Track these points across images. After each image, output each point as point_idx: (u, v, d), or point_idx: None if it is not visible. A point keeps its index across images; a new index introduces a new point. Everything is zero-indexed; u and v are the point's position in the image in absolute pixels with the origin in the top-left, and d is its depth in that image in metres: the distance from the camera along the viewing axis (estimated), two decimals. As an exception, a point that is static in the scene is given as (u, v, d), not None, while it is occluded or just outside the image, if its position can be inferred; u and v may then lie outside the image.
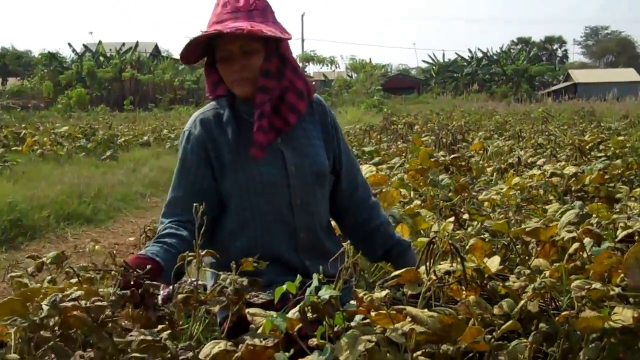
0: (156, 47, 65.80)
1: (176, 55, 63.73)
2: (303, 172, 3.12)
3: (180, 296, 2.45)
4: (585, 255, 3.04)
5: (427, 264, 2.57)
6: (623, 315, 2.42)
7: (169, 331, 2.32)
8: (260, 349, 2.12)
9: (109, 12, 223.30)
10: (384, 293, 2.27)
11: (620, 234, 3.17)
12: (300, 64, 51.16)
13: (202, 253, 2.54)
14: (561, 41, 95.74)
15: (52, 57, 56.00)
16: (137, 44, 58.04)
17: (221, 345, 2.15)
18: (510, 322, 2.45)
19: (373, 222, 3.36)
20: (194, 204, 2.53)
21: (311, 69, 59.00)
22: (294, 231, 3.12)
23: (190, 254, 2.53)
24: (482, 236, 3.69)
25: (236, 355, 2.10)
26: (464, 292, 2.69)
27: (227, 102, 3.14)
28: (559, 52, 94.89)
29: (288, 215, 3.10)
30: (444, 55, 75.22)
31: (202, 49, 3.09)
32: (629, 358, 2.42)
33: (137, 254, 2.92)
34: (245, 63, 3.02)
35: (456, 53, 75.05)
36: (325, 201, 3.28)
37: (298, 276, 2.31)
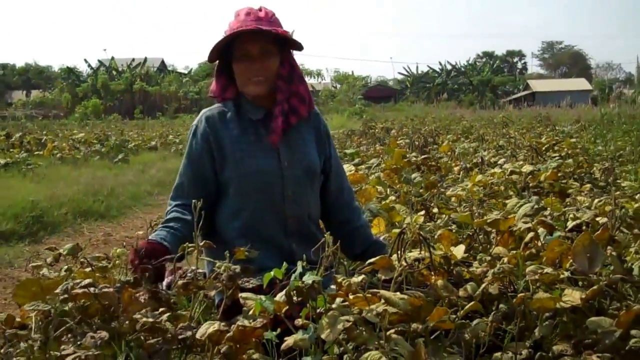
0: (162, 62, 65.71)
1: (180, 69, 63.76)
2: (295, 167, 3.18)
3: (180, 282, 2.46)
4: (539, 243, 3.05)
5: (399, 252, 2.57)
6: (572, 297, 2.42)
7: (169, 313, 2.33)
8: (249, 328, 2.12)
9: (120, 31, 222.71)
10: (360, 278, 2.29)
11: (570, 224, 3.18)
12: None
13: (201, 244, 2.55)
14: (521, 54, 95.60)
15: (70, 72, 55.97)
16: (145, 60, 57.98)
17: (215, 325, 2.16)
18: (472, 303, 2.45)
19: (355, 223, 3.40)
20: (197, 190, 2.90)
21: (300, 81, 59.00)
22: (284, 218, 3.17)
23: (190, 245, 2.56)
24: (449, 227, 3.69)
25: (228, 335, 2.11)
26: (432, 277, 2.69)
27: (233, 104, 3.21)
28: (519, 65, 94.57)
29: (280, 203, 3.16)
30: (417, 67, 74.94)
31: (218, 52, 3.13)
32: (579, 334, 2.42)
33: (147, 239, 2.95)
34: (263, 63, 3.09)
35: (428, 66, 74.98)
36: (316, 196, 3.32)
37: (284, 263, 2.31)
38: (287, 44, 3.17)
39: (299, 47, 3.18)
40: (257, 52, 3.08)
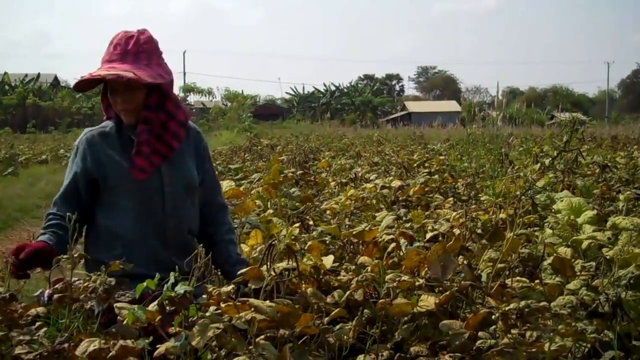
0: (56, 77, 63.67)
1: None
2: (175, 183, 3.16)
3: (56, 296, 2.40)
4: (401, 253, 3.13)
5: (268, 262, 2.58)
6: (427, 302, 2.50)
7: (45, 328, 2.27)
8: (130, 348, 2.07)
9: (14, 47, 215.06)
10: (229, 287, 2.28)
11: (429, 235, 3.28)
12: (183, 94, 50.81)
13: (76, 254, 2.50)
14: (398, 78, 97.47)
15: (-38, 86, 53.53)
16: (39, 75, 56.29)
17: (95, 343, 2.10)
18: (337, 309, 2.49)
19: (217, 237, 3.34)
20: (72, 203, 3.02)
21: (192, 99, 58.46)
22: (164, 231, 3.14)
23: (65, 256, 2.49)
24: (324, 238, 3.73)
25: (111, 354, 2.04)
26: (303, 285, 2.72)
27: (115, 123, 3.18)
28: (397, 87, 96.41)
29: (160, 218, 3.13)
30: (303, 88, 75.54)
31: (95, 80, 3.08)
32: (436, 335, 2.49)
33: (35, 240, 2.95)
34: (127, 97, 3.05)
35: (313, 86, 75.67)
36: (195, 210, 3.30)
37: (157, 274, 2.29)
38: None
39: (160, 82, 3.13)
40: (121, 86, 3.04)
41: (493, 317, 2.22)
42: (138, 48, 3.07)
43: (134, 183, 3.07)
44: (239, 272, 2.57)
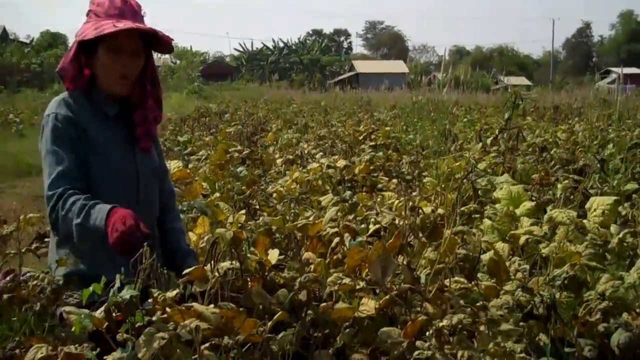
0: (4, 30, 60.41)
1: (22, 38, 59.43)
2: (147, 167, 2.98)
3: (5, 296, 2.37)
4: (345, 248, 3.12)
5: (212, 262, 2.56)
6: (368, 306, 2.53)
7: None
8: (75, 355, 2.07)
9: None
10: (174, 292, 2.24)
11: (371, 228, 3.30)
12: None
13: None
14: (347, 34, 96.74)
15: None
16: (-15, 27, 53.67)
17: (43, 350, 2.09)
18: (279, 314, 2.47)
19: (167, 224, 3.18)
20: (82, 176, 2.71)
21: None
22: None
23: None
24: (269, 227, 3.60)
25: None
26: (249, 284, 2.71)
27: (82, 95, 2.88)
28: (345, 44, 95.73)
29: (133, 204, 2.79)
30: (252, 44, 74.96)
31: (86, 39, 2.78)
32: (377, 340, 2.47)
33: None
34: (133, 61, 2.84)
35: (262, 42, 75.06)
36: (157, 194, 3.12)
37: (103, 277, 2.23)
38: (151, 45, 2.93)
39: (170, 49, 2.97)
40: (129, 48, 2.82)
41: (427, 333, 2.26)
42: (141, 11, 2.88)
43: (113, 164, 2.85)
44: (184, 272, 2.51)
